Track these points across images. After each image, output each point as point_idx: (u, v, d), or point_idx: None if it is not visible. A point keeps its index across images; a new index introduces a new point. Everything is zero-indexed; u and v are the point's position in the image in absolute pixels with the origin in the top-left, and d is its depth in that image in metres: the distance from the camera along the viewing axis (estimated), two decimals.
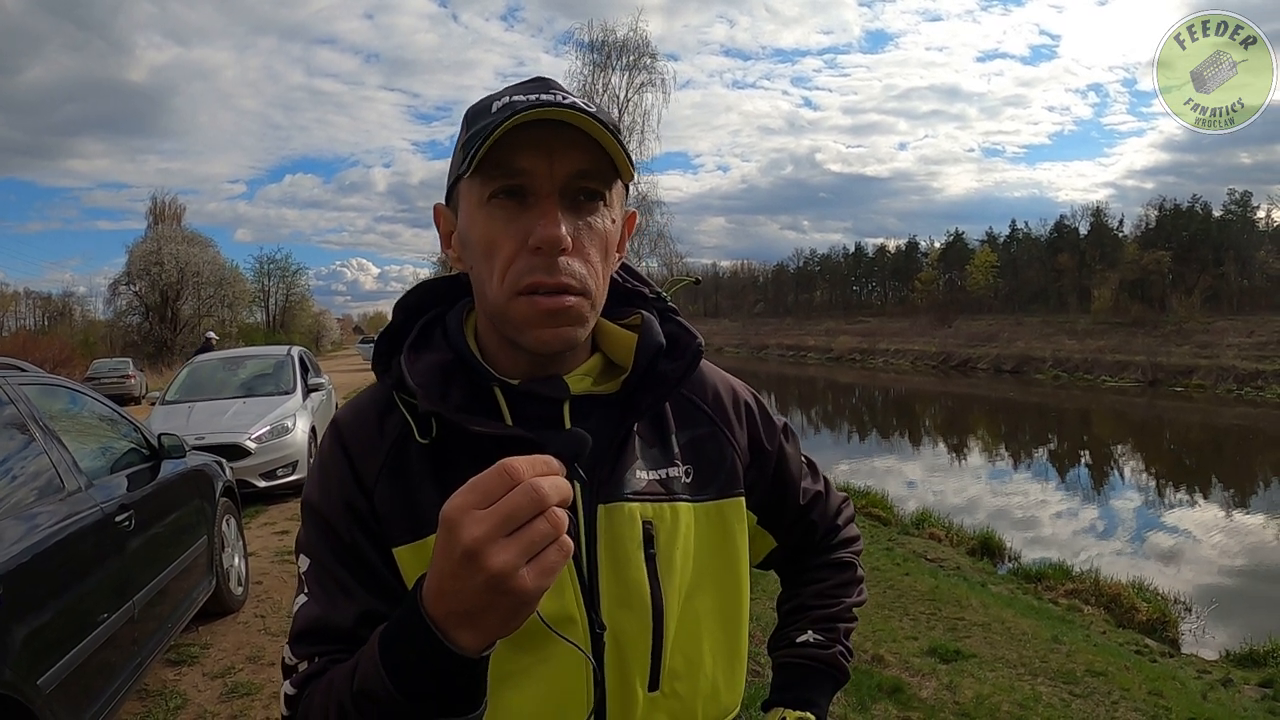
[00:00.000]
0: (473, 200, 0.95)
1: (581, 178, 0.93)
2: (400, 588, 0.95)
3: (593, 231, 0.96)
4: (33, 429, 3.65)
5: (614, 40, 36.83)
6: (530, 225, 0.91)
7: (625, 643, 0.98)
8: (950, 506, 14.38)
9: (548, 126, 0.90)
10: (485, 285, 0.96)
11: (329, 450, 1.03)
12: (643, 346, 1.05)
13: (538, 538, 0.68)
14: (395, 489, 0.98)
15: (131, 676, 3.79)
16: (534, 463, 0.70)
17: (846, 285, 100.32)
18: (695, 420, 1.12)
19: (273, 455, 9.58)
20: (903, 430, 30.98)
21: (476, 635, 0.72)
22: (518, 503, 0.67)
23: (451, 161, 1.01)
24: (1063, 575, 9.74)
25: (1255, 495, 17.35)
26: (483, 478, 0.69)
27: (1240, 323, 49.51)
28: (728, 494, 1.10)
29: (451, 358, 1.02)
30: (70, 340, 45.91)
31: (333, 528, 0.98)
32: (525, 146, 0.90)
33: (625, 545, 0.99)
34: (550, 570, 0.69)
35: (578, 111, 0.89)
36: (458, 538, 0.68)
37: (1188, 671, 6.75)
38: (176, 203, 66.11)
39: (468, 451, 0.96)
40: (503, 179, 0.92)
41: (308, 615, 0.96)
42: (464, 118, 1.01)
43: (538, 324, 0.93)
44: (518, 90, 0.96)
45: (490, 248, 0.94)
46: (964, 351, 61.77)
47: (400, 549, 0.96)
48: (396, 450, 1.00)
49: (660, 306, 1.13)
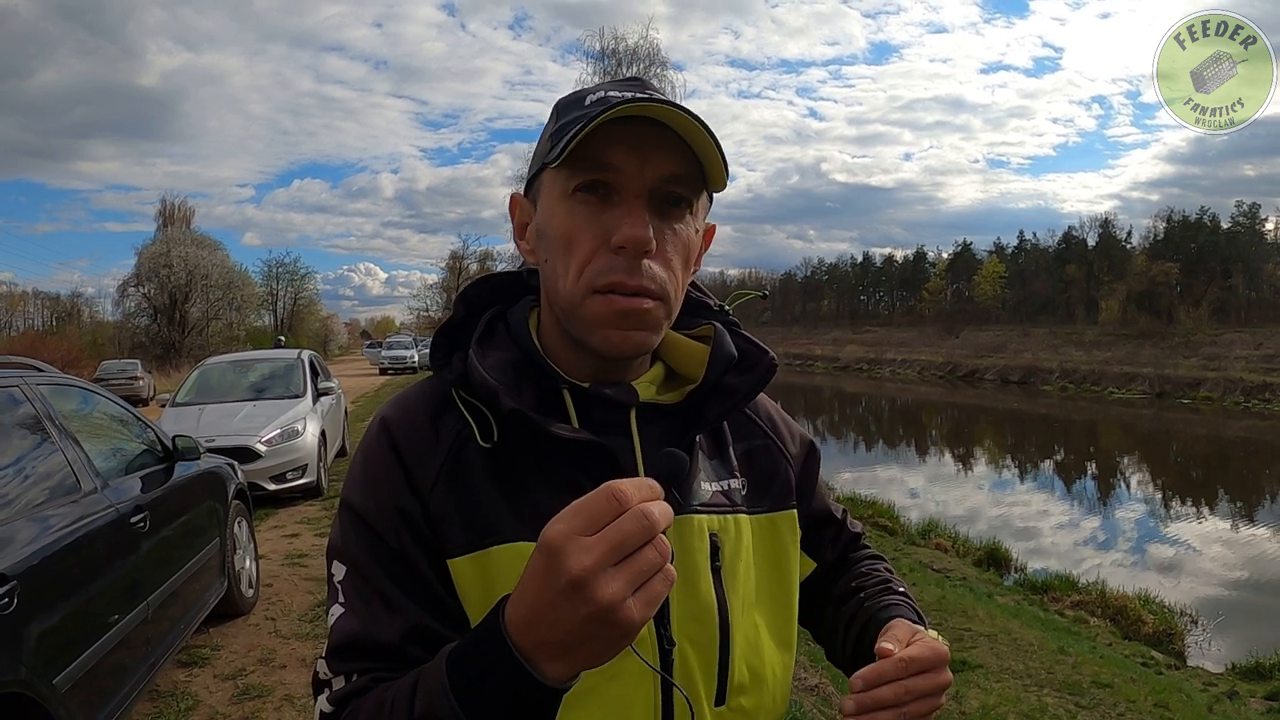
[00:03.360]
0: (555, 192, 0.92)
1: (672, 181, 0.90)
2: (452, 602, 0.90)
3: (677, 238, 0.92)
4: (49, 429, 3.67)
5: (625, 48, 36.82)
6: (614, 223, 0.88)
7: (693, 657, 0.94)
8: (956, 517, 14.37)
9: (643, 125, 0.87)
10: (559, 280, 0.92)
11: (377, 449, 0.95)
12: (715, 358, 1.01)
13: (646, 567, 0.64)
14: (453, 495, 0.91)
15: (144, 677, 3.81)
16: (640, 487, 0.66)
17: (854, 295, 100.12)
18: (750, 432, 1.10)
19: (283, 458, 9.59)
20: (909, 440, 30.94)
21: (567, 666, 0.68)
22: (629, 530, 0.64)
23: (535, 152, 0.98)
24: (1069, 586, 9.74)
25: (1262, 508, 17.30)
26: (588, 501, 0.65)
27: (1248, 335, 49.36)
28: (781, 506, 1.08)
29: (518, 356, 0.98)
30: (78, 341, 45.99)
31: (378, 533, 0.91)
32: (618, 142, 0.87)
33: (695, 558, 0.95)
34: (655, 600, 0.65)
35: (680, 111, 0.86)
36: (563, 566, 0.64)
37: (1194, 684, 6.75)
38: (186, 205, 66.17)
39: (532, 456, 0.93)
40: (591, 173, 0.88)
41: (346, 629, 0.89)
42: (554, 108, 0.98)
43: (610, 324, 0.90)
44: (614, 87, 0.93)
45: (569, 242, 0.90)
46: (971, 362, 61.70)
47: (456, 560, 0.90)
48: (454, 453, 0.93)
49: (724, 320, 1.09)
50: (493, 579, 0.89)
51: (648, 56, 36.76)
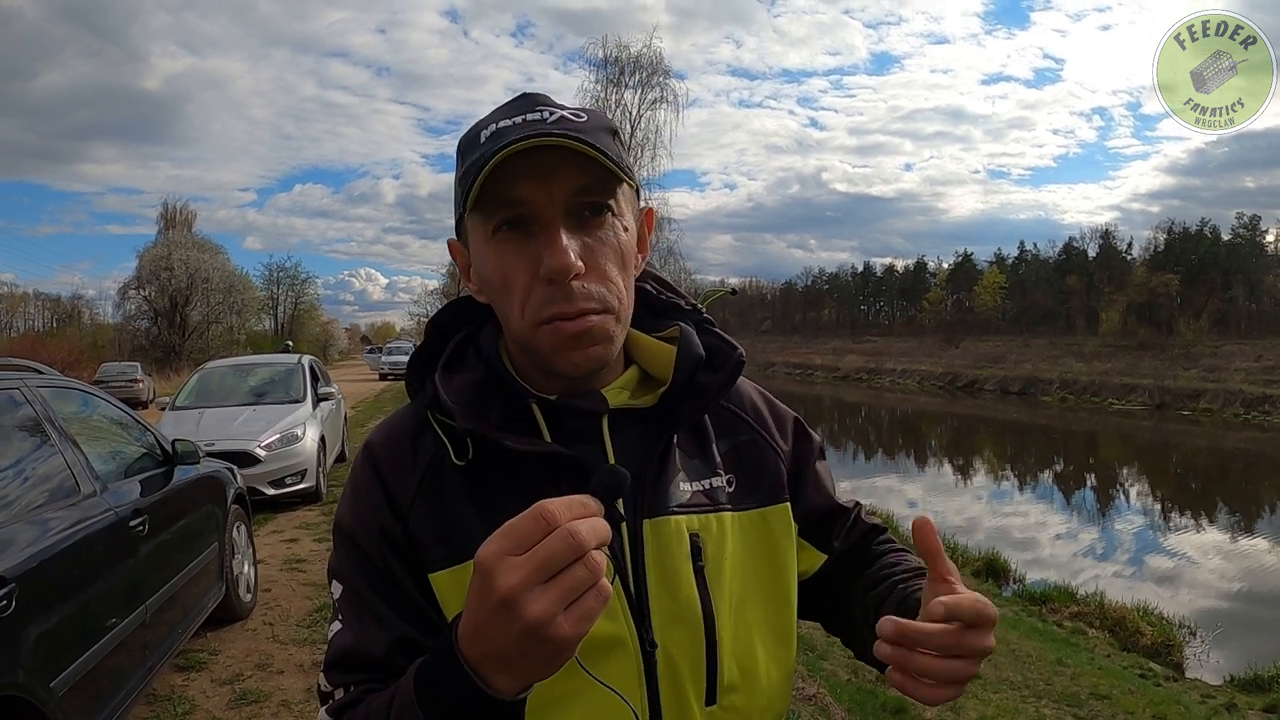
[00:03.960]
0: (480, 236, 0.94)
1: (582, 193, 0.90)
2: (436, 614, 0.93)
3: (605, 246, 0.93)
4: (49, 431, 3.67)
5: (628, 56, 37.02)
6: (537, 254, 0.89)
7: (679, 659, 0.95)
8: (955, 527, 14.37)
9: (539, 150, 0.87)
10: (508, 318, 0.95)
11: (361, 473, 1.00)
12: (682, 359, 1.02)
13: (575, 584, 0.66)
14: (431, 512, 0.95)
15: (141, 681, 3.81)
16: (571, 505, 0.68)
17: (854, 304, 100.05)
18: (736, 428, 1.10)
19: (282, 463, 9.57)
20: (909, 450, 30.94)
21: (513, 679, 0.71)
22: (554, 548, 0.65)
23: (454, 196, 0.99)
24: (1068, 598, 9.73)
25: (1261, 520, 17.28)
26: (517, 522, 0.67)
27: (1248, 347, 49.33)
28: (772, 501, 1.08)
29: (486, 375, 1.00)
30: (79, 343, 45.99)
31: (365, 553, 0.96)
32: (520, 175, 0.87)
33: (674, 559, 0.96)
34: (588, 617, 0.67)
35: (563, 134, 0.87)
36: (493, 585, 0.66)
37: (1192, 696, 6.74)
38: (187, 209, 66.36)
39: (505, 471, 0.95)
40: (503, 211, 0.90)
41: (341, 643, 0.93)
42: (457, 150, 0.98)
43: (565, 348, 0.92)
44: (504, 114, 0.94)
45: (505, 282, 0.92)
46: (971, 372, 61.68)
47: (437, 574, 0.94)
48: (431, 472, 0.97)
49: (696, 318, 1.10)
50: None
51: (650, 65, 36.99)
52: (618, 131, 0.98)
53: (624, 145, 0.93)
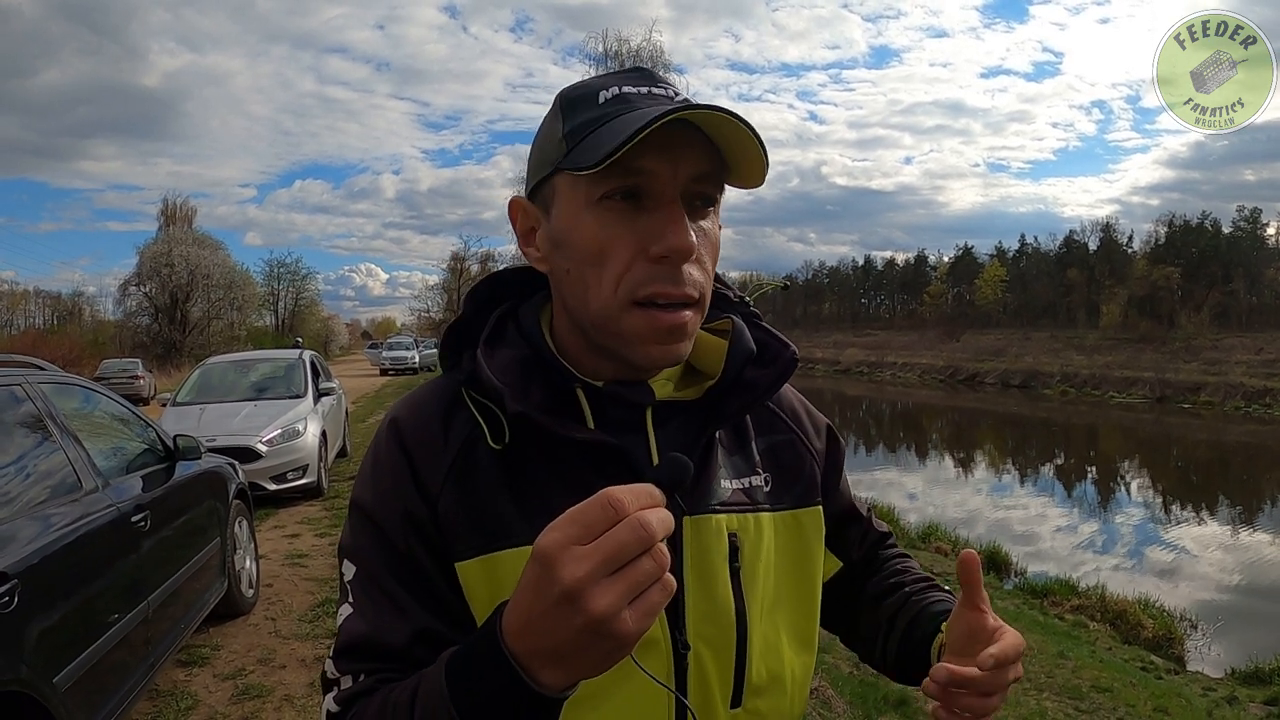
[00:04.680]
0: (579, 199, 0.87)
1: (701, 180, 0.87)
2: (459, 605, 0.89)
3: (707, 238, 0.90)
4: (50, 427, 3.67)
5: (628, 50, 36.92)
6: (650, 230, 0.85)
7: (709, 660, 0.92)
8: (957, 520, 14.38)
9: (668, 125, 0.81)
10: (589, 291, 0.88)
11: (386, 450, 0.94)
12: (734, 353, 0.99)
13: (643, 578, 0.62)
14: (462, 498, 0.90)
15: (144, 677, 3.81)
16: (638, 494, 0.64)
17: (855, 298, 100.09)
18: (773, 427, 1.07)
19: (284, 458, 9.58)
20: (910, 443, 30.94)
21: (563, 675, 0.67)
22: (624, 540, 0.62)
23: (539, 152, 0.94)
24: (1069, 591, 9.74)
25: (1262, 513, 17.29)
26: (583, 509, 0.64)
27: (1249, 340, 49.34)
28: (806, 503, 1.05)
29: (529, 354, 0.95)
30: (79, 340, 45.96)
31: (386, 535, 0.90)
32: (647, 145, 0.81)
33: (712, 559, 0.93)
34: (652, 611, 0.64)
35: (720, 112, 0.82)
36: (557, 576, 0.62)
37: (1193, 689, 6.74)
38: (188, 205, 66.16)
39: (544, 458, 0.91)
40: (621, 178, 0.84)
41: (354, 630, 0.88)
42: (559, 104, 0.93)
43: (653, 340, 0.87)
44: (623, 80, 0.90)
45: (602, 252, 0.86)
46: (972, 365, 61.73)
47: (464, 563, 0.88)
48: (464, 455, 0.91)
49: (744, 312, 1.07)
50: (501, 582, 0.87)
51: (650, 59, 36.80)
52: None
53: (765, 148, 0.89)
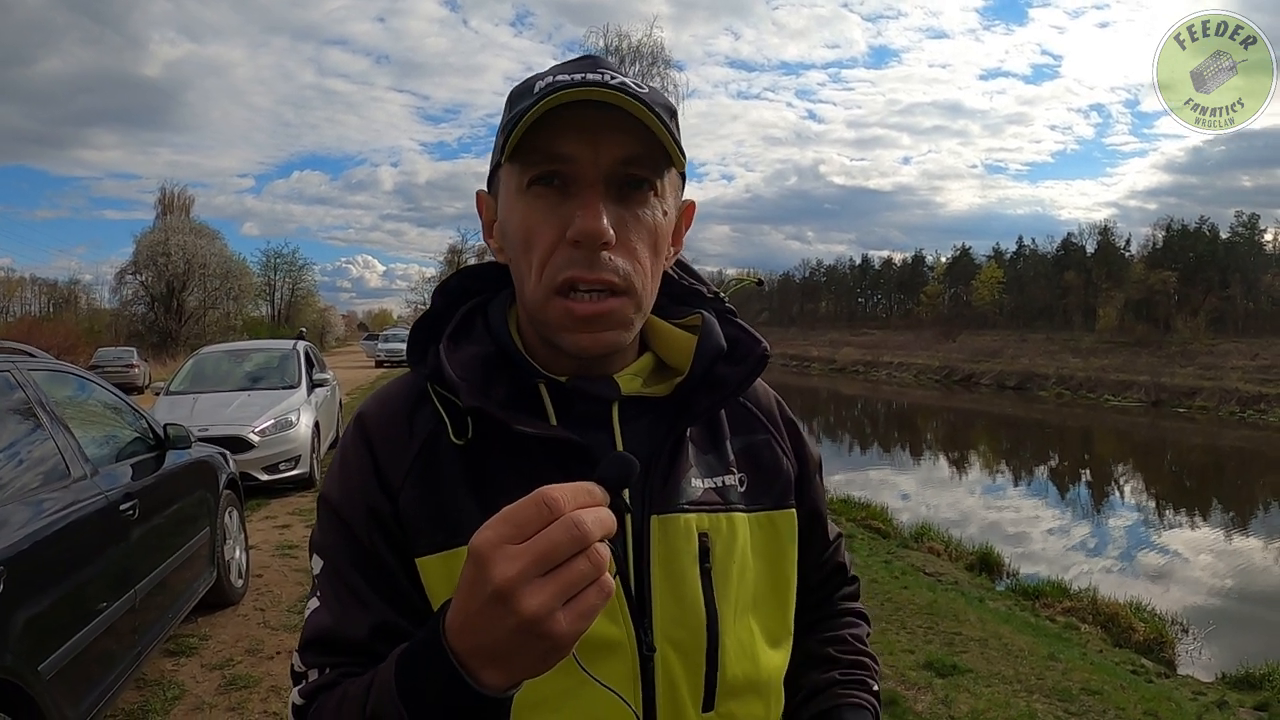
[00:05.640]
0: (511, 187, 0.89)
1: (629, 164, 0.85)
2: (421, 600, 0.89)
3: (640, 224, 0.88)
4: (40, 415, 3.65)
5: (628, 46, 36.93)
6: (569, 215, 0.84)
7: (675, 663, 0.90)
8: (949, 521, 14.36)
9: (593, 108, 0.82)
10: (524, 280, 0.90)
11: (352, 446, 0.95)
12: (702, 349, 0.97)
13: (577, 578, 0.62)
14: (423, 494, 0.90)
15: (131, 666, 3.80)
16: (575, 492, 0.64)
17: (852, 297, 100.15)
18: (750, 426, 1.06)
19: (276, 449, 9.57)
20: (904, 443, 30.96)
21: (503, 675, 0.66)
22: (556, 539, 0.61)
23: (494, 145, 0.94)
24: (1060, 593, 9.74)
25: (1255, 518, 17.33)
26: (517, 509, 0.63)
27: (1245, 345, 49.42)
28: (782, 505, 1.04)
29: (493, 350, 0.95)
30: (75, 328, 45.92)
31: (351, 530, 0.90)
32: (568, 130, 0.83)
33: (680, 559, 0.92)
34: (589, 613, 0.63)
35: (623, 93, 0.82)
36: (488, 575, 0.62)
37: (1183, 692, 6.75)
38: (185, 194, 66.07)
39: (506, 454, 0.90)
40: (542, 165, 0.85)
41: (318, 623, 0.89)
42: (507, 98, 0.94)
43: (573, 328, 0.87)
44: (563, 69, 0.89)
45: (528, 239, 0.87)
46: (967, 366, 61.79)
47: (425, 559, 0.88)
48: (427, 450, 0.92)
49: (719, 308, 1.05)
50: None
51: (650, 55, 36.89)
52: (676, 113, 0.92)
53: (674, 133, 0.87)
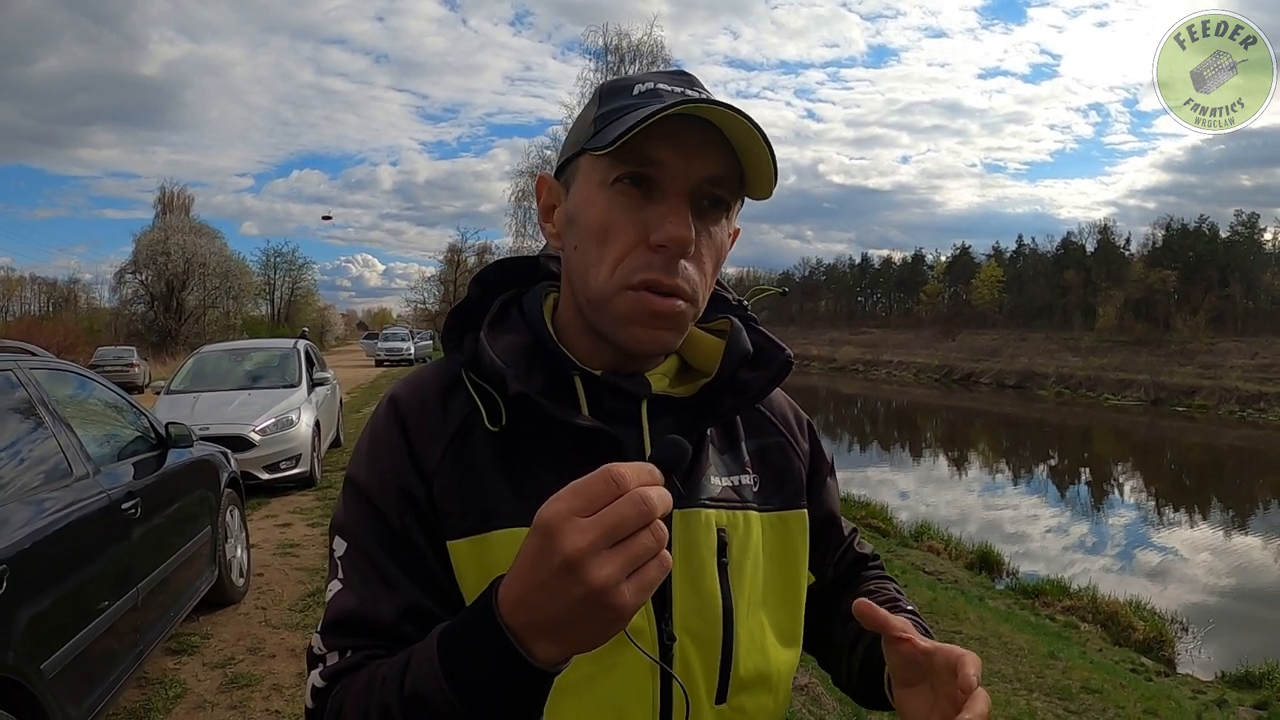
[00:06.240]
0: (594, 179, 0.90)
1: (713, 183, 0.89)
2: (449, 584, 0.89)
3: (712, 240, 0.91)
4: (42, 414, 3.65)
5: (628, 45, 36.97)
6: (654, 219, 0.87)
7: (693, 653, 0.93)
8: (949, 520, 14.39)
9: (689, 122, 0.85)
10: (590, 270, 0.91)
11: (385, 427, 0.96)
12: (730, 353, 1.01)
13: (641, 551, 0.64)
14: (457, 478, 0.91)
15: (133, 664, 3.80)
16: (639, 471, 0.66)
17: (851, 296, 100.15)
18: (764, 429, 1.09)
19: (277, 448, 9.54)
20: (904, 442, 30.98)
21: (558, 648, 0.68)
22: (625, 513, 0.63)
23: (571, 134, 0.97)
24: (1060, 591, 9.76)
25: (1254, 517, 17.36)
26: (586, 483, 0.65)
27: (1244, 344, 49.48)
28: (793, 505, 1.07)
29: (531, 340, 0.98)
30: (75, 327, 45.94)
31: (381, 512, 0.91)
32: (664, 138, 0.85)
33: (700, 553, 0.94)
34: (650, 586, 0.65)
35: (734, 113, 0.84)
36: (558, 546, 0.63)
37: (1183, 691, 6.76)
38: (185, 194, 66.19)
39: (538, 441, 0.92)
40: (635, 165, 0.87)
41: (343, 605, 0.89)
42: (597, 92, 0.96)
43: (641, 322, 0.89)
44: (661, 78, 0.92)
45: (605, 233, 0.89)
46: (967, 365, 61.82)
47: (456, 542, 0.89)
48: (462, 434, 0.93)
49: (741, 314, 1.09)
50: (491, 563, 0.88)
51: (651, 54, 36.89)
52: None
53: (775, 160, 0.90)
